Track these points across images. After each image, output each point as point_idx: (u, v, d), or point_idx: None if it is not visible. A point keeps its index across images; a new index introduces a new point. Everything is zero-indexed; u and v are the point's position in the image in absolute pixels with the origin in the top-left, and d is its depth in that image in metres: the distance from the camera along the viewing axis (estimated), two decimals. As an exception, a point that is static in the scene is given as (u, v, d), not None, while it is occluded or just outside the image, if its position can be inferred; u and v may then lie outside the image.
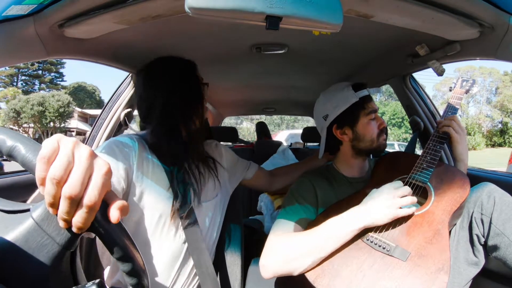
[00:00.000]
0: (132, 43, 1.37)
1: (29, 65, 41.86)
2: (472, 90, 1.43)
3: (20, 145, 0.49)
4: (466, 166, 1.34)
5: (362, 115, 1.34)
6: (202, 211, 1.26)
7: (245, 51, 1.67)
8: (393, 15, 1.03)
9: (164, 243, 1.15)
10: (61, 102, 30.45)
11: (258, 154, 3.18)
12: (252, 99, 3.40)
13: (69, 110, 31.50)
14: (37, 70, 44.60)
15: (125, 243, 0.52)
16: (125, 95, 1.79)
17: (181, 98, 1.22)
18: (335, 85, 1.43)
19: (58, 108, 30.22)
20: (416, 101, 1.91)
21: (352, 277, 0.98)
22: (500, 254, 1.05)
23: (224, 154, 1.48)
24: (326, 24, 0.82)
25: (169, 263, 1.17)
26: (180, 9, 0.82)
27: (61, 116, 30.88)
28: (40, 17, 0.92)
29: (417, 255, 0.98)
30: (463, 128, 1.32)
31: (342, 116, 1.35)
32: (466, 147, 1.34)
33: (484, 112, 40.73)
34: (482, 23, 1.03)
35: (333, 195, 1.31)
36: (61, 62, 46.26)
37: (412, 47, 1.42)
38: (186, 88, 1.24)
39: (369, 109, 1.34)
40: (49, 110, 29.98)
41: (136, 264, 0.53)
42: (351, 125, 1.35)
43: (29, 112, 29.14)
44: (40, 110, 29.51)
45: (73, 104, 32.46)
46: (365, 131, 1.34)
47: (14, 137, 0.49)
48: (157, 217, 1.12)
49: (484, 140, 35.01)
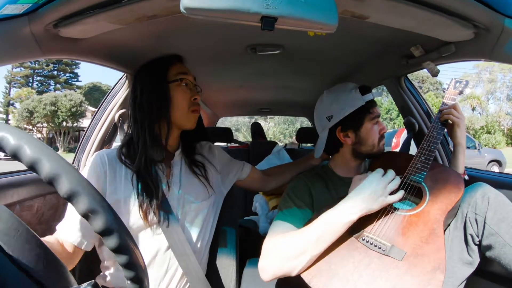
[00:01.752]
0: (128, 43, 1.36)
1: (44, 65, 41.81)
2: (465, 91, 1.45)
3: (25, 145, 0.48)
4: (464, 149, 1.37)
5: (367, 120, 1.35)
6: (192, 213, 1.26)
7: (240, 52, 1.67)
8: (388, 16, 1.04)
9: (146, 247, 1.16)
10: (73, 102, 30.64)
11: (253, 154, 3.19)
12: (248, 100, 3.40)
13: (81, 109, 31.67)
14: (52, 71, 44.38)
15: (126, 238, 0.52)
16: (120, 96, 1.78)
17: (145, 106, 1.23)
18: (341, 86, 1.42)
19: (70, 107, 30.41)
20: (410, 102, 1.92)
21: (348, 277, 0.98)
22: (495, 253, 1.05)
23: (217, 156, 1.48)
24: (322, 24, 0.82)
25: (156, 269, 1.17)
26: (176, 9, 0.82)
27: (73, 115, 31.04)
28: (35, 16, 0.91)
29: (413, 254, 0.98)
30: (463, 114, 1.35)
31: (347, 119, 1.35)
32: (464, 131, 1.36)
33: (504, 109, 39.70)
34: (477, 25, 1.03)
35: (328, 195, 1.32)
36: (76, 62, 45.36)
37: (407, 48, 1.43)
38: (149, 90, 1.24)
39: (374, 113, 1.35)
40: (61, 110, 30.14)
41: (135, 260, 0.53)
42: (355, 129, 1.36)
43: (41, 112, 29.36)
44: (52, 110, 29.71)
45: (85, 103, 32.53)
46: (367, 135, 1.34)
47: (19, 136, 0.49)
48: (131, 223, 1.15)
49: (504, 138, 33.56)
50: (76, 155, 1.80)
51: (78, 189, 0.49)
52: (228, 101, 3.42)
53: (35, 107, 29.44)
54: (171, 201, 1.22)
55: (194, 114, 1.30)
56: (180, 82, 1.26)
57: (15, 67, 40.80)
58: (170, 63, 1.29)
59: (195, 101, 1.29)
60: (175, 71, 1.28)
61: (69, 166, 0.51)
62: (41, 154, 0.49)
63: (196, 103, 1.30)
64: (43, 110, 29.28)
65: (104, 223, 0.51)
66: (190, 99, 1.27)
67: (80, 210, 0.50)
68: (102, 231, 0.51)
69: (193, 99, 1.28)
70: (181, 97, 1.26)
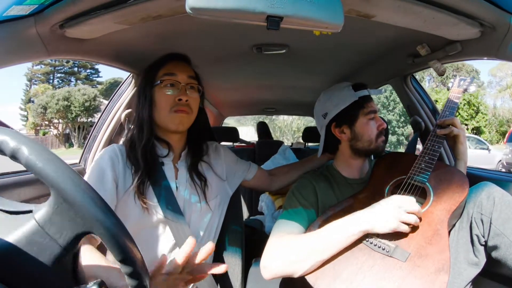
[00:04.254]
0: (133, 43, 1.37)
1: (64, 62, 41.23)
2: (469, 88, 1.44)
3: (24, 147, 0.49)
4: (466, 165, 1.35)
5: (361, 115, 1.34)
6: (198, 213, 1.28)
7: (246, 51, 1.67)
8: (394, 15, 1.03)
9: (153, 244, 1.18)
10: (86, 96, 29.63)
11: (259, 154, 3.19)
12: (253, 99, 3.41)
13: (95, 104, 30.37)
14: (73, 67, 43.92)
15: (128, 245, 0.52)
16: (126, 96, 1.79)
17: (136, 103, 1.26)
18: (336, 85, 1.44)
19: (83, 102, 29.42)
20: (417, 101, 1.91)
21: (352, 278, 0.98)
22: (501, 254, 1.04)
23: (224, 156, 1.48)
24: (327, 24, 0.82)
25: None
26: (181, 9, 0.82)
27: (87, 110, 29.94)
28: (41, 17, 0.92)
29: (417, 255, 0.98)
30: (463, 128, 1.33)
31: (341, 115, 1.36)
32: (466, 146, 1.35)
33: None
34: (483, 23, 1.03)
35: (333, 195, 1.32)
36: (96, 58, 45.13)
37: (413, 47, 1.42)
38: (138, 92, 1.27)
39: (369, 108, 1.34)
40: (74, 105, 29.28)
41: (137, 265, 0.53)
42: (349, 124, 1.36)
43: (54, 107, 28.67)
44: (65, 105, 28.92)
45: (100, 97, 31.36)
46: (363, 131, 1.34)
47: (17, 138, 0.50)
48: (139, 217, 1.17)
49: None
50: (82, 154, 1.82)
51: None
52: (234, 100, 3.43)
53: (48, 102, 28.75)
54: (179, 201, 1.23)
55: (178, 114, 1.24)
56: (161, 83, 1.24)
57: (36, 64, 40.41)
58: (162, 64, 1.29)
59: (180, 101, 1.24)
60: (162, 72, 1.26)
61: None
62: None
63: (182, 103, 1.24)
64: (55, 105, 28.56)
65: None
66: (174, 100, 1.24)
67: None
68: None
69: (177, 99, 1.24)
70: (164, 98, 1.24)
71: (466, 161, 1.36)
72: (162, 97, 1.24)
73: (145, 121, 1.24)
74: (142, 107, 1.25)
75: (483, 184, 1.15)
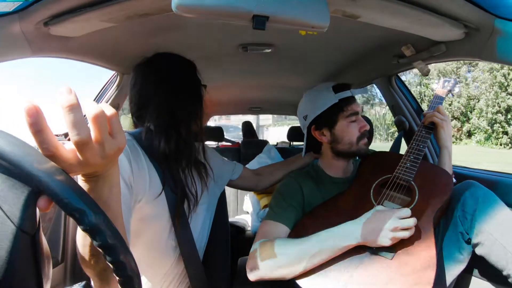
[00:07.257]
0: (119, 42, 1.35)
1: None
2: (454, 90, 1.46)
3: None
4: (450, 153, 1.35)
5: (340, 118, 1.33)
6: (194, 215, 1.25)
7: (231, 50, 1.67)
8: (380, 16, 1.04)
9: (157, 242, 1.15)
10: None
11: (244, 153, 3.19)
12: (238, 98, 3.40)
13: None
14: None
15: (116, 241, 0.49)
16: (110, 95, 1.77)
17: (183, 98, 1.18)
18: (318, 86, 1.43)
19: None
20: (401, 101, 1.93)
21: (339, 277, 0.98)
22: (484, 251, 1.06)
23: (210, 157, 1.45)
24: (313, 24, 0.82)
25: (159, 267, 1.17)
26: (167, 8, 0.82)
27: None
28: (25, 14, 0.90)
29: (403, 253, 0.98)
30: (447, 115, 1.33)
31: (320, 118, 1.35)
32: (450, 134, 1.34)
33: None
34: (467, 25, 1.04)
35: (319, 195, 1.32)
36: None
37: (398, 47, 1.44)
38: (189, 88, 1.21)
39: (349, 111, 1.32)
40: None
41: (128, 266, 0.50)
42: (329, 127, 1.35)
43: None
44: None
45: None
46: (343, 133, 1.33)
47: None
48: (148, 220, 1.10)
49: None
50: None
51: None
52: (219, 99, 3.41)
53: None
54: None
55: None
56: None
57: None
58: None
59: None
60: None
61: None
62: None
63: None
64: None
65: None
66: None
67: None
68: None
69: None
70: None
71: (450, 150, 1.34)
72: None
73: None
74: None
75: (467, 183, 1.17)
